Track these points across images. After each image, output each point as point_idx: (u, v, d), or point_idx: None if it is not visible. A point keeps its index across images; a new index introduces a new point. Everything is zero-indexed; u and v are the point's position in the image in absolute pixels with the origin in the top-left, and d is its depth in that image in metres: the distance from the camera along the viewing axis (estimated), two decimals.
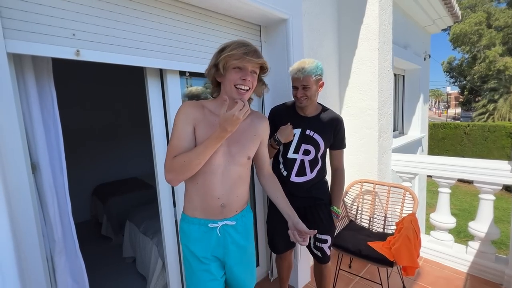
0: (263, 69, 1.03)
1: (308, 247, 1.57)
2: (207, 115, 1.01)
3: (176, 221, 1.52)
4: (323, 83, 1.42)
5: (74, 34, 1.03)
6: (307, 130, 1.43)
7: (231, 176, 1.02)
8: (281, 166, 1.49)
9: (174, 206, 1.51)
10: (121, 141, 4.25)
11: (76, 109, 3.68)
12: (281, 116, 1.50)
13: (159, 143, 1.41)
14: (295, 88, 1.39)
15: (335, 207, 1.53)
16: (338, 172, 1.56)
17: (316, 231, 1.03)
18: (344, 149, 1.56)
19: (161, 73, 1.39)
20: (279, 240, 1.59)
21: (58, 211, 1.06)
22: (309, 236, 1.03)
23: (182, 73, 1.45)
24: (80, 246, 1.15)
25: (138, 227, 2.40)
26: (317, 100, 1.46)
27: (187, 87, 1.66)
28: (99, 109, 3.97)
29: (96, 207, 3.63)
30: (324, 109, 1.50)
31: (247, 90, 0.96)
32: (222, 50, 0.95)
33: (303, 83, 1.34)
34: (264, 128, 1.15)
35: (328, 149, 1.54)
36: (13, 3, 0.89)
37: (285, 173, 1.47)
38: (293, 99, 1.49)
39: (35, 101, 0.99)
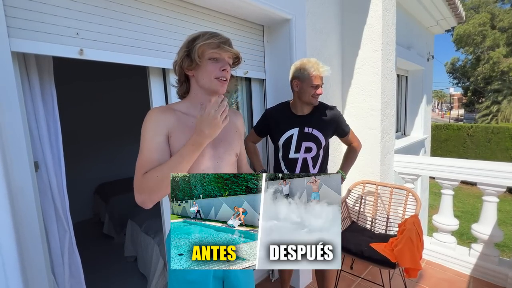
0: (234, 62, 0.95)
1: None
2: (181, 118, 0.89)
3: None
4: None
5: (77, 33, 1.03)
6: (305, 128, 1.43)
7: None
8: (283, 167, 1.49)
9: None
10: (124, 140, 4.26)
11: (80, 108, 3.69)
12: (276, 117, 1.51)
13: None
14: (315, 87, 1.38)
15: (342, 172, 1.56)
16: (352, 146, 1.59)
17: None
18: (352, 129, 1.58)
19: (163, 72, 1.39)
20: None
21: (60, 208, 1.07)
22: None
23: None
24: (82, 245, 1.16)
25: (140, 226, 2.41)
26: None
27: None
28: (102, 108, 3.98)
29: (98, 206, 3.65)
30: (317, 104, 1.50)
31: (227, 79, 0.90)
32: (194, 40, 0.86)
33: (323, 81, 1.39)
34: (241, 123, 1.09)
35: (328, 144, 1.55)
36: (18, 2, 0.90)
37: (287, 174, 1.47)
38: (286, 100, 1.51)
39: (39, 100, 1.00)
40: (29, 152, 0.95)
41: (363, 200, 2.22)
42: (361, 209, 2.20)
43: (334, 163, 2.33)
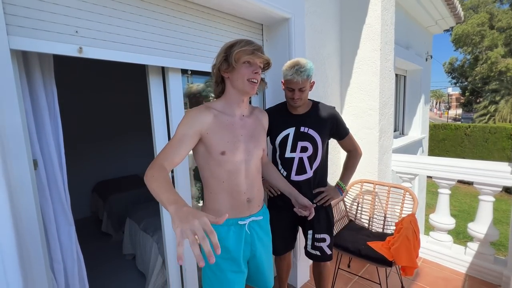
0: (264, 66, 1.09)
1: (305, 249, 1.57)
2: (217, 116, 1.02)
3: None
4: (313, 82, 1.42)
5: (77, 31, 1.03)
6: (301, 127, 1.43)
7: (252, 170, 1.08)
8: (280, 167, 1.49)
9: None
10: (122, 138, 4.25)
11: (78, 106, 3.68)
12: (273, 117, 1.51)
13: (160, 141, 1.41)
14: (290, 90, 1.37)
15: (341, 183, 1.54)
16: (351, 153, 1.57)
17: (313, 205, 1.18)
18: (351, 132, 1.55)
19: (163, 71, 1.39)
20: (278, 242, 1.59)
21: (59, 206, 1.07)
22: (313, 210, 1.16)
23: (183, 71, 1.45)
24: (80, 243, 1.16)
25: (138, 224, 2.41)
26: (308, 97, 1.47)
27: (188, 85, 1.66)
28: (101, 106, 3.97)
29: (97, 204, 3.64)
30: (315, 103, 1.50)
31: (258, 82, 1.03)
32: (232, 46, 0.99)
33: (301, 85, 1.33)
34: (267, 120, 1.26)
35: (327, 145, 1.53)
36: (17, 0, 0.89)
37: (284, 173, 1.47)
38: (285, 100, 1.49)
39: (39, 98, 1.00)
40: (28, 150, 0.95)
41: (360, 199, 2.24)
42: (359, 208, 2.22)
43: (332, 176, 2.34)
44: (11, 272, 0.86)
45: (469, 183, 2.30)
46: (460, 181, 2.31)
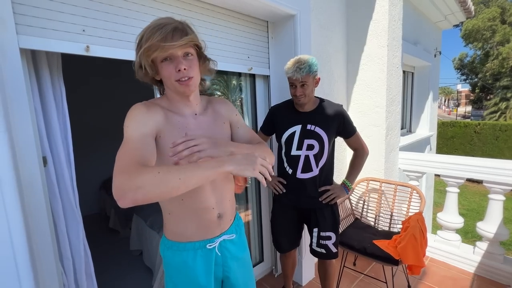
0: (198, 48, 0.81)
1: (310, 247, 1.57)
2: (167, 115, 0.81)
3: None
4: (319, 79, 1.41)
5: (84, 30, 1.04)
6: (308, 125, 1.42)
7: (219, 179, 0.88)
8: (285, 164, 1.49)
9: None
10: None
11: (85, 105, 3.73)
12: (280, 114, 1.50)
13: None
14: (293, 86, 1.38)
15: (347, 181, 1.52)
16: (358, 151, 1.54)
17: None
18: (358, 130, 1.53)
19: None
20: (284, 240, 1.60)
21: (67, 203, 1.09)
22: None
23: None
24: (88, 239, 1.18)
25: (145, 221, 2.45)
26: (314, 94, 1.45)
27: None
28: (107, 105, 4.02)
29: (104, 200, 3.70)
30: (322, 101, 1.48)
31: (189, 78, 0.77)
32: (139, 45, 0.75)
33: (302, 81, 1.33)
34: (228, 109, 0.97)
35: (333, 143, 1.52)
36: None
37: (290, 171, 1.47)
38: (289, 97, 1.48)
39: (48, 96, 1.01)
40: (37, 147, 0.97)
41: (367, 197, 2.22)
42: (365, 206, 2.20)
43: (339, 173, 2.33)
44: (22, 267, 0.89)
45: (479, 182, 2.26)
46: (469, 180, 2.27)
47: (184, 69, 0.75)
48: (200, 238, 0.87)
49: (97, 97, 3.91)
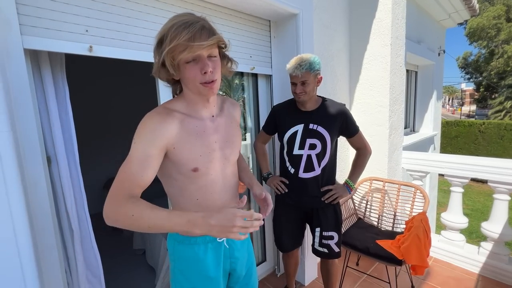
0: (220, 48, 0.79)
1: (312, 247, 1.57)
2: (183, 122, 0.79)
3: None
4: (321, 78, 1.40)
5: (87, 30, 1.04)
6: (310, 124, 1.41)
7: (229, 179, 0.92)
8: (288, 164, 1.49)
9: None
10: (133, 135, 4.32)
11: (90, 103, 3.76)
12: (282, 113, 1.50)
13: None
14: (293, 84, 1.38)
15: (350, 181, 1.52)
16: (360, 151, 1.54)
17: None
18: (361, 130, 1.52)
19: None
20: (286, 239, 1.60)
21: (74, 202, 1.10)
22: (270, 201, 0.96)
23: None
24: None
25: None
26: (316, 94, 1.45)
27: None
28: (112, 103, 4.04)
29: None
30: (324, 100, 1.48)
31: (213, 80, 0.76)
32: (161, 43, 0.71)
33: (302, 79, 1.33)
34: (239, 113, 1.01)
35: (336, 142, 1.52)
36: (29, 0, 0.91)
37: (292, 170, 1.47)
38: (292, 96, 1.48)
39: (52, 96, 1.02)
40: (41, 147, 0.98)
41: (370, 197, 2.21)
42: (368, 206, 2.19)
43: (341, 173, 2.32)
44: (27, 266, 0.90)
45: (483, 181, 2.24)
46: (473, 179, 2.25)
47: (210, 71, 0.73)
48: None
49: (102, 96, 3.93)
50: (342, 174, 2.30)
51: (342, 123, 1.44)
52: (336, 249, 1.50)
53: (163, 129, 0.74)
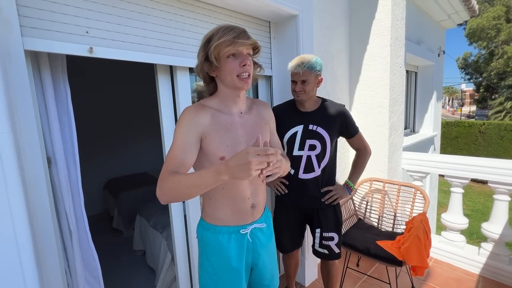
0: (254, 51, 0.94)
1: (313, 248, 1.57)
2: (215, 116, 0.91)
3: (185, 215, 1.55)
4: (321, 79, 1.41)
5: (87, 32, 1.05)
6: (310, 125, 1.42)
7: None
8: None
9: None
10: (133, 136, 4.33)
11: (91, 105, 3.76)
12: (282, 114, 1.50)
13: (168, 139, 1.43)
14: (293, 82, 1.39)
15: (350, 182, 1.52)
16: (360, 151, 1.54)
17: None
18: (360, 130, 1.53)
19: (171, 70, 1.41)
20: (286, 241, 1.60)
21: (72, 203, 1.10)
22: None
23: (191, 70, 1.46)
24: (92, 238, 1.19)
25: (148, 221, 2.46)
26: (315, 94, 1.45)
27: (196, 83, 1.67)
28: (112, 105, 4.05)
29: (108, 201, 3.73)
30: (324, 101, 1.48)
31: (248, 75, 0.89)
32: (209, 41, 0.86)
33: (302, 77, 1.34)
34: (270, 115, 1.09)
35: (335, 143, 1.52)
36: (30, 2, 0.92)
37: (292, 171, 1.47)
38: (293, 97, 1.49)
39: (51, 97, 1.02)
40: (42, 147, 0.98)
41: (370, 198, 2.21)
42: (368, 207, 2.19)
43: (341, 174, 2.32)
44: (27, 267, 0.90)
45: (483, 182, 2.24)
46: (473, 180, 2.25)
47: (248, 64, 0.87)
48: (235, 224, 0.97)
49: (102, 97, 3.94)
50: (342, 175, 2.30)
51: (342, 124, 1.44)
52: (337, 250, 1.50)
53: (197, 119, 0.88)
